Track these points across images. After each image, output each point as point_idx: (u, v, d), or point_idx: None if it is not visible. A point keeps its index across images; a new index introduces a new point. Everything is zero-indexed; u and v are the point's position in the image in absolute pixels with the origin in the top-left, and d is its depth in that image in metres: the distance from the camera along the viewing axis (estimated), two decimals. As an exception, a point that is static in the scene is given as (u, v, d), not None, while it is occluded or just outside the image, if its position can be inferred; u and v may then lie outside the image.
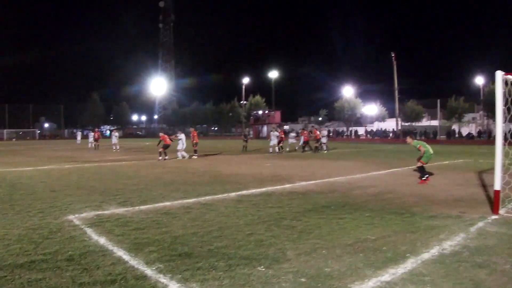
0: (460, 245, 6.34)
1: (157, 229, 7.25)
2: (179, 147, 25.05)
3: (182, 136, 25.63)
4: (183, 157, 24.66)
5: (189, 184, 13.12)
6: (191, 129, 28.70)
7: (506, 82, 8.78)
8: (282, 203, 9.82)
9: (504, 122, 8.79)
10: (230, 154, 29.73)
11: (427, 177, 13.39)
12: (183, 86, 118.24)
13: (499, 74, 8.53)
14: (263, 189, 11.97)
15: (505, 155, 8.91)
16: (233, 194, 11.13)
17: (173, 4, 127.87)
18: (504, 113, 8.68)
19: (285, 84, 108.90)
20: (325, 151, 31.95)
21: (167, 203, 9.73)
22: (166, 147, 23.91)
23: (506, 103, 8.80)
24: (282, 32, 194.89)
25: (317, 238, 6.74)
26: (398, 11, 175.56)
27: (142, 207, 9.27)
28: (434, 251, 6.05)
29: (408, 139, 14.15)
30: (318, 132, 33.29)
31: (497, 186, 8.61)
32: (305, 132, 33.43)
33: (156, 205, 9.56)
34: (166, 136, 24.77)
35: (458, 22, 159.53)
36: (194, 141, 26.23)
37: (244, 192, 11.49)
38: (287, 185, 12.82)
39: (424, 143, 13.83)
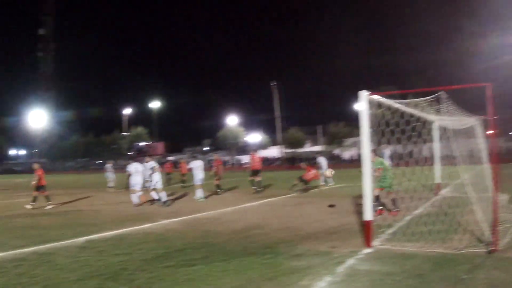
0: (323, 293, 5.36)
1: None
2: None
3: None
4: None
5: (39, 228, 11.41)
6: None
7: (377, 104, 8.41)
8: (132, 248, 8.48)
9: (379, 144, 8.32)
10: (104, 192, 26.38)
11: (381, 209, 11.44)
12: (63, 118, 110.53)
13: (364, 94, 8.03)
14: (118, 231, 10.48)
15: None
16: (82, 239, 9.58)
17: (53, 32, 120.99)
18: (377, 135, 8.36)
19: (168, 115, 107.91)
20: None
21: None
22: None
23: (378, 125, 8.41)
24: (162, 62, 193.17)
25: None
26: (277, 42, 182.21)
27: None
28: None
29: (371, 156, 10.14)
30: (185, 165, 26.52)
31: (368, 216, 7.92)
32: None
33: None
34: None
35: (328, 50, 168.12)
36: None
37: (95, 236, 9.92)
38: (147, 225, 11.34)
39: (387, 165, 11.66)
